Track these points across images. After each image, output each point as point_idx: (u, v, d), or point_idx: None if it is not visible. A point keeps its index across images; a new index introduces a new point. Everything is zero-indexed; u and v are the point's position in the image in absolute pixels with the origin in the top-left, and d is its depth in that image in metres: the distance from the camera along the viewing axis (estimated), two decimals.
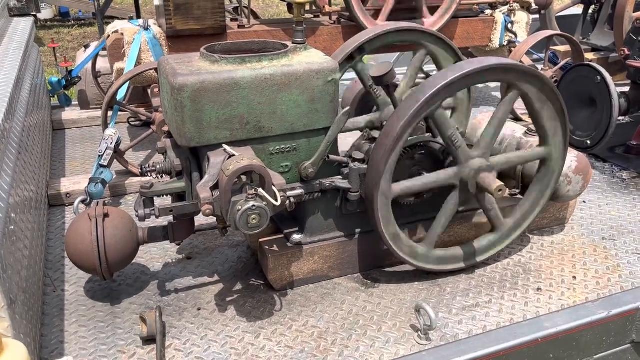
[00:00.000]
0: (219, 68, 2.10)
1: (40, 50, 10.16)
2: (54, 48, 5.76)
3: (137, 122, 4.27)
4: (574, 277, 2.59)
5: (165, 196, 2.31)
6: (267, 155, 2.25)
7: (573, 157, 2.75)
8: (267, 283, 2.49)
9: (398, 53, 6.05)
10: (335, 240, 2.52)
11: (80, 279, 2.55)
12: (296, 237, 2.47)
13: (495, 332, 2.23)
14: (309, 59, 2.23)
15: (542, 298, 2.45)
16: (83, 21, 12.76)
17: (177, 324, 2.28)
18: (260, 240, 2.50)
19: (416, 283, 2.54)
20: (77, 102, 4.64)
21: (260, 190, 1.93)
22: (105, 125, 3.26)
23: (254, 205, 1.90)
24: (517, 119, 4.26)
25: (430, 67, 3.89)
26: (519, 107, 3.44)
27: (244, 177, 1.98)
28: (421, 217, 2.62)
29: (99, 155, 3.09)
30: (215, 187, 2.00)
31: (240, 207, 1.90)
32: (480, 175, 2.36)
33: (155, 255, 2.74)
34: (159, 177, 2.29)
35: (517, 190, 2.87)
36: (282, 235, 2.51)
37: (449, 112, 3.23)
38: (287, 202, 2.13)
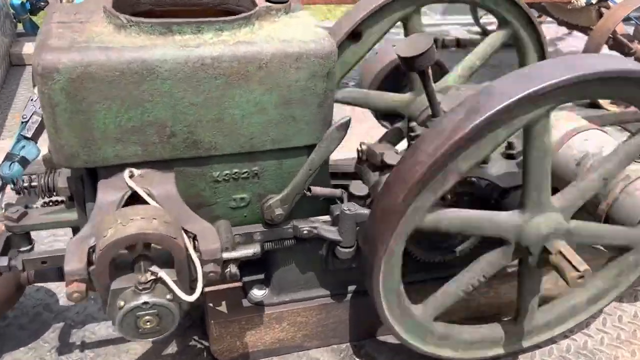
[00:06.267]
0: (125, 40, 1.22)
1: None
2: None
3: None
4: None
5: None
6: (209, 184, 1.41)
7: None
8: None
9: None
10: (315, 302, 1.70)
11: None
12: (257, 293, 1.67)
13: None
14: (287, 32, 1.33)
15: None
16: None
17: None
18: (206, 289, 1.70)
19: None
20: None
21: (162, 273, 1.11)
22: None
23: (146, 303, 1.08)
24: (594, 104, 3.22)
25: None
26: None
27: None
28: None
29: (22, 122, 2.28)
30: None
31: (123, 303, 1.08)
32: (555, 242, 1.45)
33: None
34: (43, 196, 1.48)
35: None
36: (239, 283, 1.71)
37: None
38: (228, 272, 1.30)
